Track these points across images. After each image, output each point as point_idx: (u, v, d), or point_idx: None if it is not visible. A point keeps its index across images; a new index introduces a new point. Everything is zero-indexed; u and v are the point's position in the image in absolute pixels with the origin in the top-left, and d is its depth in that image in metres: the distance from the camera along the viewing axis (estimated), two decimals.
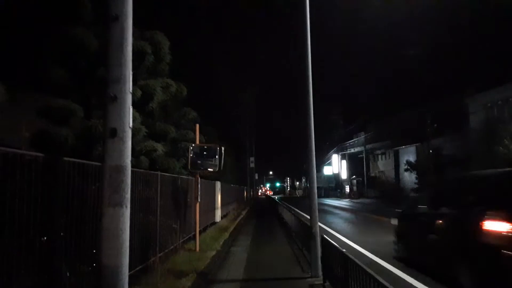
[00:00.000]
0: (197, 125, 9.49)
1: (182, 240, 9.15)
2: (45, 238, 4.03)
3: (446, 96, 29.27)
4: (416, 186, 34.23)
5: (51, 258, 4.09)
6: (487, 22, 26.74)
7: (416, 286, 5.92)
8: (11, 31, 5.81)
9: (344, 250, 4.77)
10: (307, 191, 7.30)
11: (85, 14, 6.20)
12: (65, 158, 4.12)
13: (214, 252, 8.92)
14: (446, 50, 29.74)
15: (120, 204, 4.11)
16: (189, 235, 9.96)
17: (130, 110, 4.30)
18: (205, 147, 9.06)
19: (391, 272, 6.90)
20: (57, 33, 5.73)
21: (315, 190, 7.15)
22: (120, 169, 4.13)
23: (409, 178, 37.28)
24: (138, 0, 4.28)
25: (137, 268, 6.01)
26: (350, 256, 4.42)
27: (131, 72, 4.35)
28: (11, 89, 4.75)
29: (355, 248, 9.53)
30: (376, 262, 7.83)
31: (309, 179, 7.29)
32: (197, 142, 9.30)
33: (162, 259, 7.14)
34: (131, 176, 4.27)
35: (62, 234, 4.22)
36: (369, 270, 3.78)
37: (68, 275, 4.40)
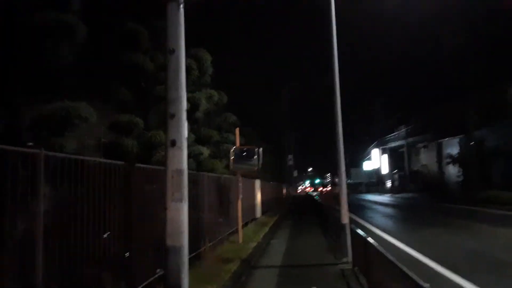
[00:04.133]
0: (237, 129, 10.49)
1: (226, 233, 10.20)
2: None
3: (489, 86, 28.40)
4: (459, 179, 33.42)
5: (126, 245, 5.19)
6: None
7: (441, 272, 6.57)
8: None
9: (366, 235, 5.55)
10: (340, 188, 8.04)
11: (143, 42, 7.37)
12: (137, 165, 5.21)
13: (255, 244, 9.90)
14: (489, 39, 28.79)
15: (180, 199, 5.16)
16: (233, 229, 10.99)
17: (185, 124, 5.33)
18: (245, 148, 10.01)
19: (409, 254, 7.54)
20: (121, 58, 6.91)
21: (345, 187, 7.93)
22: (179, 172, 5.17)
23: (452, 171, 36.29)
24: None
25: (191, 256, 7.06)
26: (371, 240, 5.21)
27: (185, 94, 5.37)
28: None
29: (398, 246, 10.13)
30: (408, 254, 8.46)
31: (338, 177, 8.06)
32: (238, 144, 10.30)
33: (211, 248, 8.20)
34: None
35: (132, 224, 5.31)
36: (383, 250, 4.56)
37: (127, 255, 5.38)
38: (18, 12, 4.39)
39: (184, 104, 5.37)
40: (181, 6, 5.31)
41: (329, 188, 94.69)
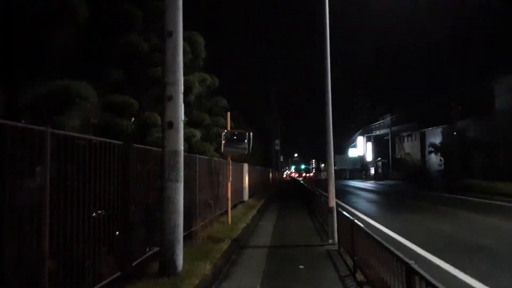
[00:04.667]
0: (228, 113, 10.62)
1: (216, 215, 10.43)
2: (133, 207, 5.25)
3: (472, 78, 29.11)
4: (441, 168, 34.39)
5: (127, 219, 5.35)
6: None
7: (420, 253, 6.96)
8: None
9: (353, 218, 5.84)
10: (329, 174, 8.31)
11: (138, 23, 7.36)
12: (134, 145, 5.32)
13: (244, 225, 10.17)
14: (473, 33, 29.37)
15: (176, 179, 5.36)
16: (222, 211, 11.24)
17: (182, 107, 5.48)
18: (236, 132, 10.17)
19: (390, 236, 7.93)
20: (115, 38, 6.92)
21: (333, 172, 8.22)
22: (176, 153, 5.35)
23: (435, 160, 37.29)
24: None
25: (183, 234, 7.27)
26: (356, 221, 5.50)
27: (182, 77, 5.48)
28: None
29: (376, 226, 10.54)
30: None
31: (327, 163, 8.33)
32: (228, 128, 10.44)
33: (202, 228, 8.41)
34: None
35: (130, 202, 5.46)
36: (370, 231, 4.85)
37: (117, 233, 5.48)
38: None
39: (181, 87, 5.50)
40: None
41: (311, 174, 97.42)
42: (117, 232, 4.88)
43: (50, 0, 4.35)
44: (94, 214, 4.53)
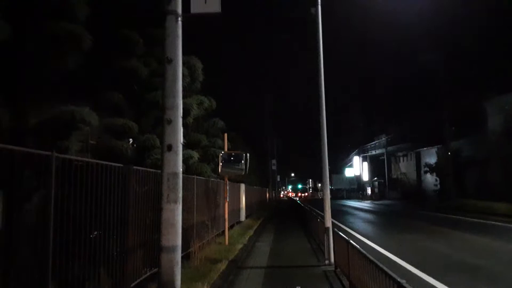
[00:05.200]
0: (225, 134, 10.81)
1: (213, 236, 10.47)
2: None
3: (464, 98, 29.67)
4: (437, 187, 34.55)
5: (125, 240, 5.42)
6: (506, 25, 27.05)
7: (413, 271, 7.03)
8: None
9: (348, 238, 5.94)
10: (325, 195, 8.43)
11: (138, 49, 7.62)
12: (134, 167, 5.46)
13: (241, 245, 10.20)
14: (466, 53, 30.15)
15: (175, 201, 5.45)
16: (219, 231, 11.27)
17: (181, 130, 5.64)
18: (233, 153, 10.33)
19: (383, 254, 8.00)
20: (116, 63, 7.15)
21: (328, 193, 8.35)
22: (175, 175, 5.46)
23: (430, 179, 37.51)
24: None
25: (181, 255, 7.32)
26: (352, 241, 5.60)
27: (181, 101, 5.67)
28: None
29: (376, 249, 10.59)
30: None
31: (322, 184, 8.47)
32: (226, 149, 10.61)
33: (199, 249, 8.46)
34: None
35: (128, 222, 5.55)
36: (364, 252, 4.95)
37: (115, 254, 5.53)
38: (29, 20, 4.61)
39: (180, 111, 5.67)
40: (179, 19, 5.63)
41: (307, 194, 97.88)
42: (115, 253, 4.95)
43: (53, 29, 4.56)
44: (94, 234, 4.63)
